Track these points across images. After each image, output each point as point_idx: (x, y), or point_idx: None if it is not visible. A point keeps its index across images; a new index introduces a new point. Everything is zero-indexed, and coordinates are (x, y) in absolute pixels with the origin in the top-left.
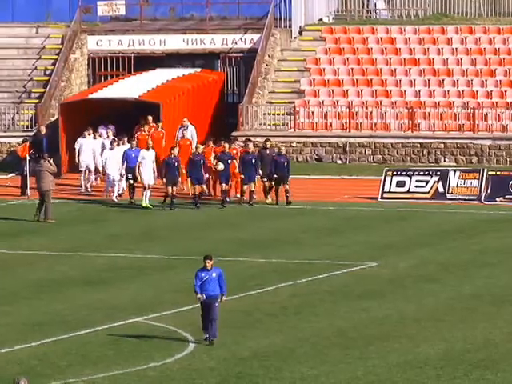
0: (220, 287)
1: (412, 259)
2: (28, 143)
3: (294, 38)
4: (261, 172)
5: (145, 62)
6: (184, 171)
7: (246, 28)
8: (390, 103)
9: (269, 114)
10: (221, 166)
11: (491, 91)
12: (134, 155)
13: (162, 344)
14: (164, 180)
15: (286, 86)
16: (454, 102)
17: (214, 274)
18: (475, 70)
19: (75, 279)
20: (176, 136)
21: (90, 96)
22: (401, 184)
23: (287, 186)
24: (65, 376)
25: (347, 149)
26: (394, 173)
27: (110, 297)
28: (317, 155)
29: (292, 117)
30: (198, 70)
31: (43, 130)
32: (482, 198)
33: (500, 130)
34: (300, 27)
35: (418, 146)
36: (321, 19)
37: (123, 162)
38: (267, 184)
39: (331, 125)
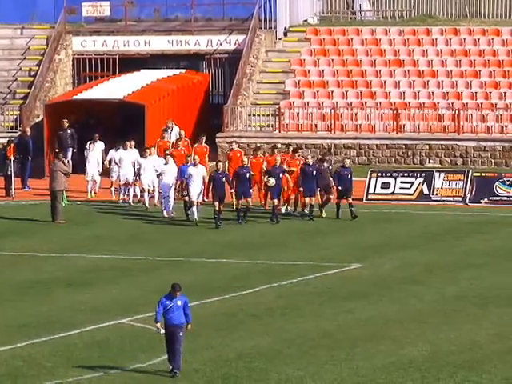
0: (185, 315)
1: (397, 261)
2: (13, 144)
3: (279, 39)
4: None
5: (129, 63)
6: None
7: (230, 29)
8: (375, 104)
9: (254, 116)
10: (272, 182)
11: (476, 92)
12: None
13: (147, 345)
14: (210, 195)
15: (271, 87)
16: (438, 103)
17: (179, 302)
18: (460, 71)
19: (60, 281)
20: (161, 138)
21: (75, 97)
22: (385, 185)
23: (351, 200)
24: (50, 377)
25: (332, 150)
26: (379, 174)
27: (94, 298)
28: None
29: (277, 118)
30: (183, 71)
31: (28, 131)
32: (467, 200)
33: (485, 131)
34: (285, 28)
35: (403, 147)
36: (306, 20)
37: (178, 178)
38: (324, 198)
39: (316, 126)
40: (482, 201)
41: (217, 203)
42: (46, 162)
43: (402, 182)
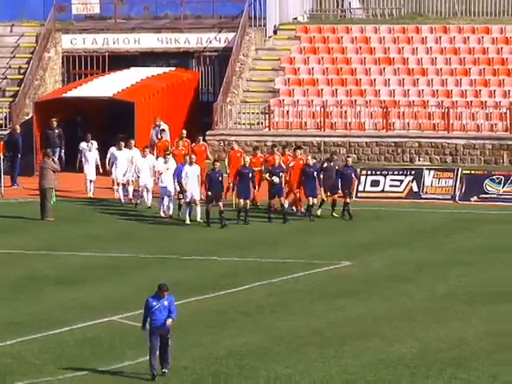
0: (169, 311)
1: (386, 258)
2: (2, 142)
3: (269, 37)
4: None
5: (119, 60)
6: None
7: (220, 27)
8: (365, 102)
9: (243, 113)
10: (276, 180)
11: (466, 90)
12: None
13: (137, 343)
14: (208, 194)
15: (261, 85)
16: (428, 102)
17: (165, 303)
18: (450, 69)
19: (50, 278)
20: (151, 136)
21: (64, 95)
22: (375, 183)
23: (348, 200)
24: (39, 375)
25: (322, 148)
26: (369, 172)
27: (85, 296)
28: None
29: (266, 116)
30: (173, 68)
31: (18, 129)
32: (457, 198)
33: (474, 129)
34: (275, 26)
35: (393, 145)
36: (295, 18)
37: (175, 178)
38: (331, 198)
39: (306, 124)
40: (471, 199)
41: (211, 204)
42: (36, 160)
43: (391, 180)
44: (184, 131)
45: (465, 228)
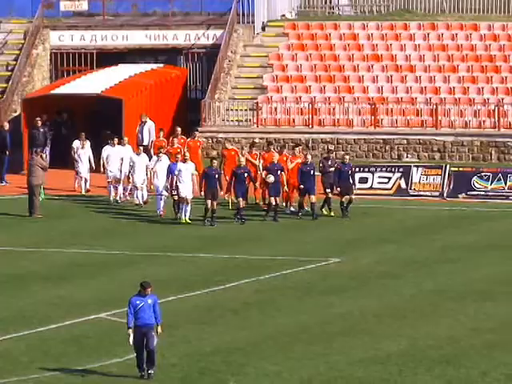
0: (155, 316)
1: (375, 255)
2: None
3: (257, 33)
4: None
5: (107, 57)
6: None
7: (208, 24)
8: (353, 99)
9: (231, 110)
10: (271, 179)
11: (454, 87)
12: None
13: (124, 340)
14: (202, 193)
15: (249, 81)
16: (416, 98)
17: (149, 301)
18: (438, 66)
19: (37, 275)
20: (137, 132)
21: (53, 92)
22: (363, 180)
23: (352, 197)
24: (26, 372)
25: (310, 145)
26: (357, 169)
27: (72, 293)
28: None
29: (255, 113)
30: (161, 65)
31: (6, 125)
32: (445, 195)
33: (462, 126)
34: (263, 23)
35: (381, 141)
36: (283, 15)
37: (168, 176)
38: (330, 195)
39: (294, 121)
40: (459, 195)
41: (209, 201)
42: (24, 157)
43: (379, 177)
44: (178, 128)
45: (453, 225)
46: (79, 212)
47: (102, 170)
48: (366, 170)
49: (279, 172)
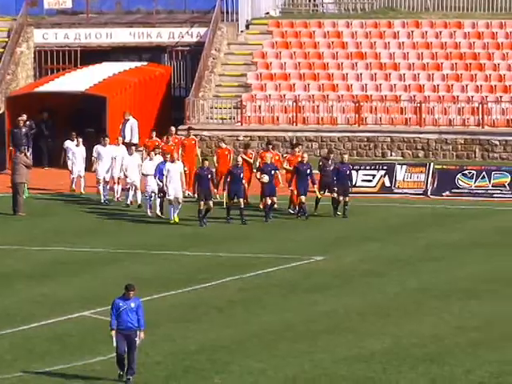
0: (138, 320)
1: (359, 253)
2: None
3: (241, 31)
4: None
5: (91, 55)
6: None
7: (192, 22)
8: (337, 97)
9: (215, 108)
10: (266, 178)
11: (438, 85)
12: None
13: (108, 338)
14: (196, 194)
15: (233, 79)
16: (400, 96)
17: (132, 304)
18: (422, 63)
19: (21, 273)
20: (120, 130)
21: (37, 89)
22: None
23: (347, 198)
24: (10, 370)
25: (294, 143)
26: None
27: (55, 291)
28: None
29: (239, 111)
30: (145, 63)
31: None
32: (429, 192)
33: (446, 124)
34: (247, 21)
35: (365, 139)
36: (267, 13)
37: (155, 175)
38: (330, 195)
39: (278, 119)
40: (443, 193)
41: (202, 202)
42: (8, 155)
43: (363, 175)
44: (173, 128)
45: (437, 223)
46: (63, 210)
47: (92, 169)
48: (350, 167)
49: (273, 172)
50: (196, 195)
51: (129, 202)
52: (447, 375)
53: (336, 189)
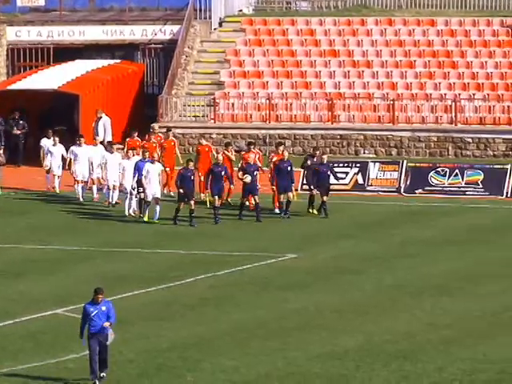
0: (108, 317)
1: (332, 251)
2: None
3: (214, 29)
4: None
5: (64, 53)
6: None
7: (165, 19)
8: (310, 95)
9: (188, 106)
10: (248, 179)
11: (411, 83)
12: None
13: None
14: (180, 192)
15: (206, 77)
16: (373, 94)
17: (103, 308)
18: (395, 61)
19: None
20: (93, 128)
21: (9, 87)
22: None
23: (325, 199)
24: None
25: (267, 140)
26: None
27: (29, 289)
28: (237, 147)
29: (212, 108)
30: (118, 61)
31: None
32: (402, 190)
33: (419, 121)
34: (220, 18)
35: (338, 137)
36: (241, 10)
37: (135, 174)
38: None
39: (251, 116)
40: (416, 191)
41: (182, 203)
42: None
43: (336, 173)
44: (155, 125)
45: (411, 220)
46: (37, 209)
47: (70, 170)
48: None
49: (255, 172)
50: (177, 194)
51: (114, 202)
52: (420, 372)
53: (317, 188)
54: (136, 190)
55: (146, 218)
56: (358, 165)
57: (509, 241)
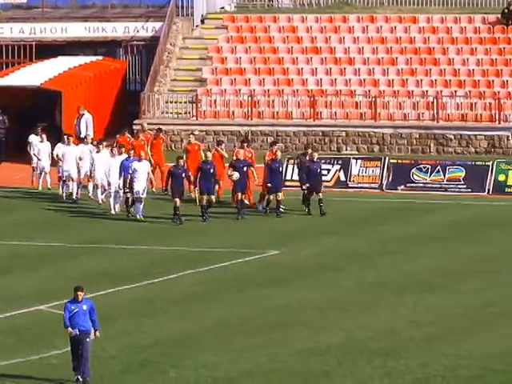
0: (92, 321)
1: (315, 247)
2: None
3: (196, 26)
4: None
5: (46, 49)
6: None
7: (147, 16)
8: (292, 92)
9: (171, 103)
10: (236, 175)
11: (392, 80)
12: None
13: (64, 332)
14: (169, 191)
15: (188, 74)
16: (355, 91)
17: (84, 307)
18: (376, 58)
19: None
20: (75, 125)
21: None
22: None
23: (321, 196)
24: None
25: (249, 137)
26: (296, 161)
27: (12, 285)
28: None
29: (194, 105)
30: (100, 58)
31: None
32: (384, 187)
33: (401, 118)
34: (202, 15)
35: (320, 134)
36: (223, 7)
37: (121, 172)
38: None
39: (233, 113)
40: (398, 188)
41: (177, 199)
42: None
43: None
44: (145, 124)
45: (393, 217)
46: (21, 205)
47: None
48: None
49: (245, 168)
50: (171, 193)
51: (101, 201)
52: (402, 369)
53: (308, 186)
54: (122, 188)
55: (138, 218)
56: (340, 161)
57: (491, 237)
